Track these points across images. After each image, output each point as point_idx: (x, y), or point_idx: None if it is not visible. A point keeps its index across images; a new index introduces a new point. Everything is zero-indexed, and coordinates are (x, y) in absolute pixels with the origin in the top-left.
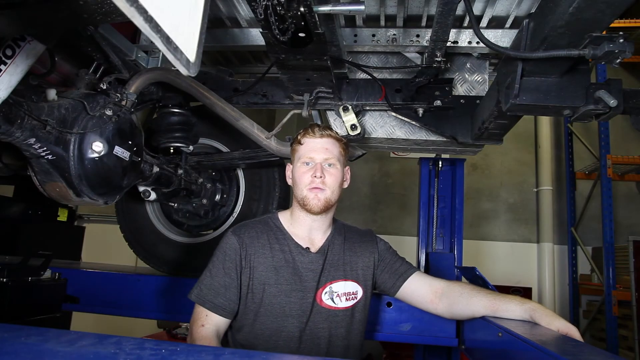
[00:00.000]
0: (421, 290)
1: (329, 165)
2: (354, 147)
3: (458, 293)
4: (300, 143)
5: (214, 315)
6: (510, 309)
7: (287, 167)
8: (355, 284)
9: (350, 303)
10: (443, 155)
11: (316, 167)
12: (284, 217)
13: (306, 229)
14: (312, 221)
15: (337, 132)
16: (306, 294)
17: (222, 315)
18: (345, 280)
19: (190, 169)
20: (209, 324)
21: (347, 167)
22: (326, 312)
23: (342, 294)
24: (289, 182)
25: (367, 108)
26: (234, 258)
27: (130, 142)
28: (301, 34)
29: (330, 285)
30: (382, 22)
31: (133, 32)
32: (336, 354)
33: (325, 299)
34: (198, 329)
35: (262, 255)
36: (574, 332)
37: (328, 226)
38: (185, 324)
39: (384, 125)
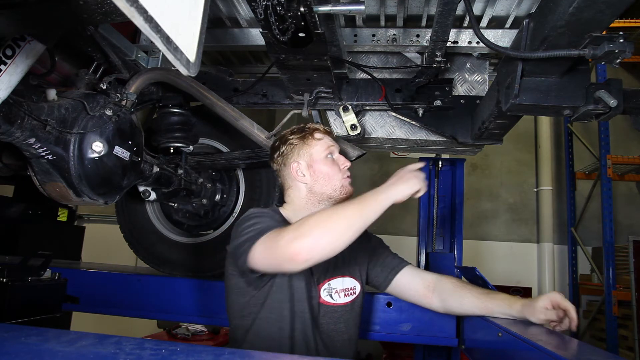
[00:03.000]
0: (413, 284)
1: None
2: (353, 147)
3: (450, 289)
4: (316, 138)
5: None
6: (498, 307)
7: (296, 166)
8: (353, 279)
9: (349, 299)
10: (443, 155)
11: (340, 158)
12: (285, 213)
13: None
14: None
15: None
16: (306, 290)
17: None
18: (344, 277)
19: (190, 169)
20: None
21: None
22: (325, 308)
23: (341, 290)
24: (301, 180)
25: (367, 108)
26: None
27: (130, 142)
28: (301, 34)
29: (329, 282)
30: (382, 22)
31: (133, 32)
32: (337, 347)
33: (324, 295)
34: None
35: None
36: (557, 297)
37: None
38: (186, 324)
39: (384, 125)
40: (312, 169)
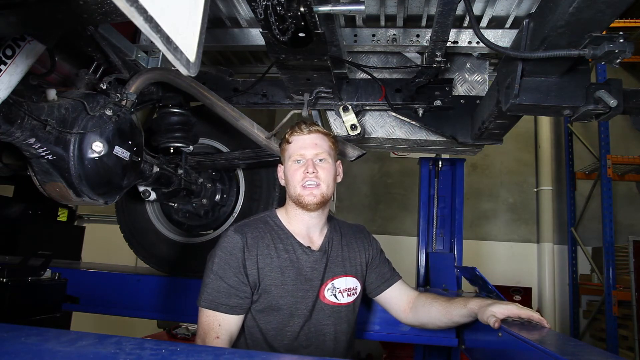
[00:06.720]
0: (399, 300)
1: (320, 160)
2: (353, 147)
3: (422, 303)
4: (288, 142)
5: (227, 319)
6: (457, 309)
7: (278, 168)
8: (355, 279)
9: (352, 298)
10: (443, 155)
11: (307, 164)
12: (281, 215)
13: (304, 228)
14: (310, 219)
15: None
16: (311, 293)
17: (239, 314)
18: (346, 276)
19: (190, 169)
20: (223, 334)
21: (339, 161)
22: (330, 308)
23: (344, 289)
24: (282, 182)
25: (367, 108)
26: (240, 256)
27: (130, 142)
28: (301, 34)
29: (332, 282)
30: (382, 22)
31: (133, 32)
32: (341, 349)
33: (328, 295)
34: (212, 341)
35: (268, 256)
36: (513, 311)
37: (324, 224)
38: (186, 324)
39: (384, 125)
40: (284, 172)
